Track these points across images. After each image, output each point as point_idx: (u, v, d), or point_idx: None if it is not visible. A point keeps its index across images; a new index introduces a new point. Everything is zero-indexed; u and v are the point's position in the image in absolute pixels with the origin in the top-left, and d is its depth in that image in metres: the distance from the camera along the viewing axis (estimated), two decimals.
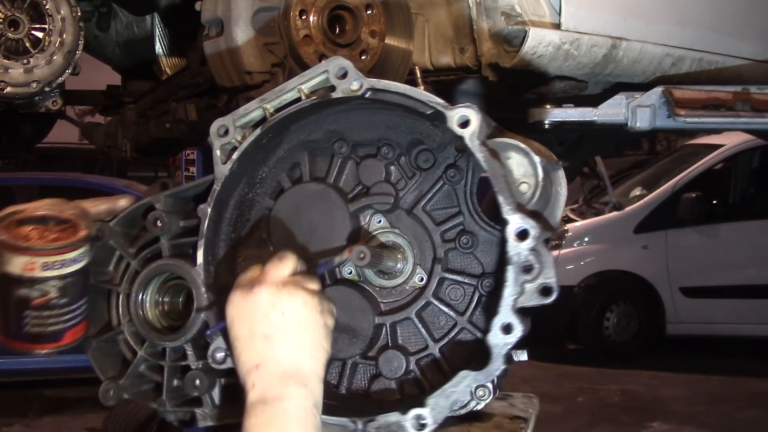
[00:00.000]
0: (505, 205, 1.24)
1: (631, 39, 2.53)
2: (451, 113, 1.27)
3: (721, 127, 2.69)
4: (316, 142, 1.52)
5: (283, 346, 1.19)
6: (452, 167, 1.48)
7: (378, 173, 1.49)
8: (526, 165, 1.30)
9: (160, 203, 1.50)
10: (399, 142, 1.49)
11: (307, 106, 1.38)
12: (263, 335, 1.19)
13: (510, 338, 1.22)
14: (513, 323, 1.22)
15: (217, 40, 2.08)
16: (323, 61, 1.37)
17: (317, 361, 1.21)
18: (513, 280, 1.22)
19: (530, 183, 1.30)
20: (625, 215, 8.88)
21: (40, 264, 1.35)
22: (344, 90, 1.34)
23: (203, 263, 1.42)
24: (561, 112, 2.48)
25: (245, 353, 1.20)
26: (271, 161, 1.53)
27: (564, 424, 6.85)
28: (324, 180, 1.51)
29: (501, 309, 1.22)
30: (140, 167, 15.57)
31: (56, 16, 2.11)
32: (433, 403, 1.25)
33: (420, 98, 1.30)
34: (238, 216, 1.52)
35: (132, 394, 1.49)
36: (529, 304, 1.23)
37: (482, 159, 1.25)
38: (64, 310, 1.41)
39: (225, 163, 1.41)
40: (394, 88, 1.32)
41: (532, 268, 1.21)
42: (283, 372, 1.18)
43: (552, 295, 1.22)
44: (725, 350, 8.85)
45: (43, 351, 1.42)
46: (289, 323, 1.20)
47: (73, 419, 6.98)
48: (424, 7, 2.42)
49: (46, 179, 8.52)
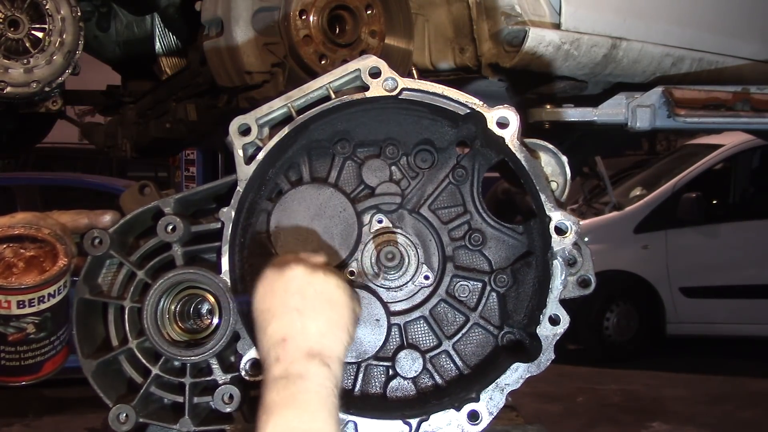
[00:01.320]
0: (547, 203, 1.29)
1: (631, 39, 2.53)
2: (491, 114, 1.30)
3: (721, 127, 2.69)
4: (319, 141, 1.51)
5: (313, 323, 1.18)
6: (459, 167, 1.49)
7: (383, 173, 1.49)
8: (554, 164, 1.37)
9: (170, 207, 1.38)
10: (406, 141, 1.49)
11: (339, 104, 1.36)
12: (295, 308, 1.18)
13: (558, 329, 1.29)
14: (560, 315, 1.29)
15: (217, 40, 2.08)
16: (354, 60, 1.36)
17: (341, 344, 1.20)
18: (559, 273, 1.28)
19: (559, 182, 1.37)
20: (625, 215, 8.88)
21: (15, 302, 1.29)
22: (378, 89, 1.33)
23: (229, 270, 1.36)
24: (561, 112, 2.48)
25: (273, 325, 1.18)
26: (279, 162, 1.50)
27: (564, 424, 6.85)
28: (325, 181, 1.50)
29: (549, 302, 1.29)
30: (140, 167, 15.55)
31: (56, 16, 2.11)
32: (488, 397, 1.29)
33: (458, 99, 1.33)
34: (246, 220, 1.48)
35: (145, 416, 1.37)
36: (570, 296, 1.30)
37: (523, 159, 1.29)
38: (43, 343, 1.35)
39: (249, 164, 1.36)
40: (430, 88, 1.34)
41: (575, 261, 1.30)
42: (309, 349, 1.16)
43: (591, 287, 1.31)
44: (725, 350, 8.85)
45: (21, 383, 1.36)
46: (321, 301, 1.20)
47: (73, 419, 6.97)
48: (424, 7, 2.42)
49: (46, 179, 8.50)
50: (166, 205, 1.39)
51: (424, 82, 1.34)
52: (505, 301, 1.48)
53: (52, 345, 1.37)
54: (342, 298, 1.22)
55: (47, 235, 1.33)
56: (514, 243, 1.49)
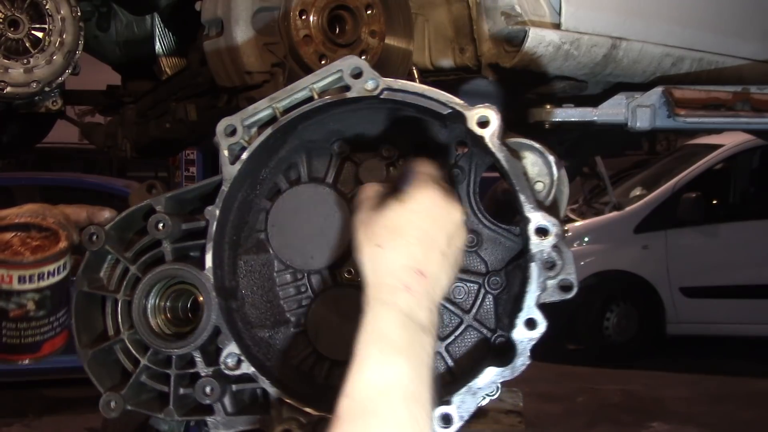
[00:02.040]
0: (527, 204, 1.25)
1: (631, 39, 2.53)
2: (471, 113, 1.27)
3: (721, 127, 2.69)
4: (315, 142, 1.51)
5: (447, 278, 1.08)
6: (455, 167, 1.47)
7: (379, 174, 1.48)
8: (540, 164, 1.32)
9: (161, 205, 1.43)
10: (402, 142, 1.48)
11: (319, 105, 1.36)
12: (441, 251, 1.07)
13: (534, 333, 1.25)
14: (536, 319, 1.25)
15: (217, 40, 2.08)
16: (337, 61, 1.35)
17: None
18: (536, 276, 1.24)
19: (545, 182, 1.32)
20: (625, 215, 8.88)
21: (16, 277, 1.33)
22: (360, 90, 1.32)
23: (212, 267, 1.38)
24: (561, 112, 2.48)
25: (418, 249, 1.04)
26: (272, 162, 1.51)
27: (564, 424, 6.85)
28: (323, 181, 1.50)
29: (525, 305, 1.25)
30: (140, 167, 15.55)
31: (56, 16, 2.11)
32: (459, 400, 1.25)
33: (439, 98, 1.30)
34: (239, 218, 1.50)
35: (135, 405, 1.43)
36: (551, 300, 1.26)
37: (503, 159, 1.26)
38: (42, 322, 1.39)
39: (233, 164, 1.38)
40: (411, 88, 1.32)
41: (554, 264, 1.24)
42: (436, 303, 1.05)
43: (572, 291, 1.26)
44: (725, 350, 8.85)
45: (20, 362, 1.40)
46: (457, 257, 1.11)
47: (73, 419, 6.98)
48: (424, 7, 2.42)
49: (46, 179, 8.52)
50: (157, 203, 1.43)
51: (406, 82, 1.33)
52: (498, 303, 1.47)
53: (51, 325, 1.41)
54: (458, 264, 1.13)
55: (51, 224, 1.39)
56: (510, 244, 1.48)
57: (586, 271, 8.76)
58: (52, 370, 7.29)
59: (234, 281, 1.46)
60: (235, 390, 1.42)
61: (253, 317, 1.48)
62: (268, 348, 1.49)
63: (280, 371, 1.46)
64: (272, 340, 1.50)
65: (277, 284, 1.51)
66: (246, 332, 1.45)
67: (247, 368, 1.34)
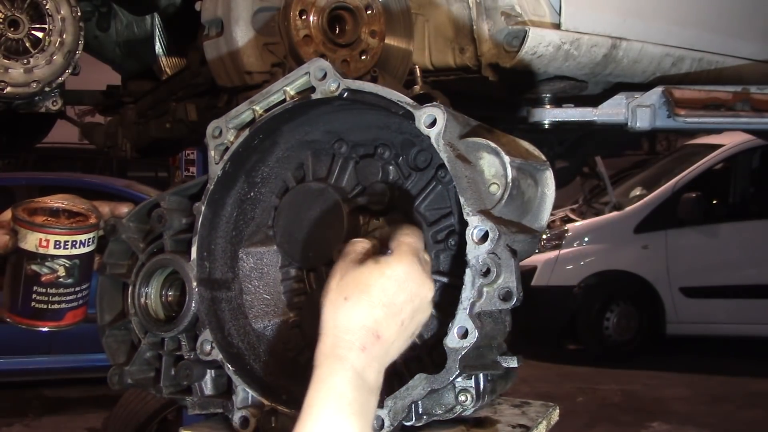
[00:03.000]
0: (466, 207, 1.22)
1: (631, 39, 2.52)
2: (419, 113, 1.26)
3: (721, 127, 2.69)
4: (316, 142, 1.53)
5: (400, 344, 1.12)
6: (442, 167, 1.45)
7: (374, 173, 1.48)
8: (497, 165, 1.27)
9: (165, 201, 1.56)
10: (393, 142, 1.48)
11: (291, 107, 1.40)
12: (402, 320, 1.10)
13: (465, 343, 1.19)
14: (469, 328, 1.19)
15: (217, 40, 2.08)
16: (306, 63, 1.39)
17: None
18: (470, 283, 1.19)
19: (500, 183, 1.26)
20: (625, 215, 8.88)
21: (53, 242, 1.46)
22: (323, 91, 1.35)
23: (197, 258, 1.46)
24: (561, 112, 2.48)
25: (381, 312, 1.07)
26: (270, 161, 1.54)
27: (564, 424, 6.85)
28: (325, 180, 1.51)
29: (458, 313, 1.20)
30: (140, 167, 15.56)
31: (56, 16, 2.11)
32: (391, 405, 1.23)
33: (391, 98, 1.30)
34: (239, 214, 1.54)
35: (135, 380, 1.56)
36: (489, 308, 1.20)
37: (446, 159, 1.24)
38: (69, 290, 1.51)
39: (218, 164, 1.46)
40: (367, 88, 1.33)
41: (489, 271, 1.19)
42: (383, 368, 1.08)
43: (512, 300, 1.19)
44: (725, 350, 8.86)
45: (44, 328, 1.52)
46: (417, 324, 1.15)
47: (73, 419, 6.99)
48: (424, 7, 2.42)
49: (46, 179, 8.51)
50: (161, 198, 1.57)
51: (363, 82, 1.33)
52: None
53: (75, 296, 1.53)
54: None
55: (81, 209, 1.55)
56: None
57: (586, 271, 8.78)
58: (53, 370, 7.31)
59: (230, 273, 1.52)
60: (215, 375, 1.48)
61: (250, 308, 1.53)
62: (260, 338, 1.52)
63: (270, 362, 1.49)
64: (268, 332, 1.53)
65: (281, 279, 1.56)
66: (233, 322, 1.50)
67: (216, 355, 1.41)
